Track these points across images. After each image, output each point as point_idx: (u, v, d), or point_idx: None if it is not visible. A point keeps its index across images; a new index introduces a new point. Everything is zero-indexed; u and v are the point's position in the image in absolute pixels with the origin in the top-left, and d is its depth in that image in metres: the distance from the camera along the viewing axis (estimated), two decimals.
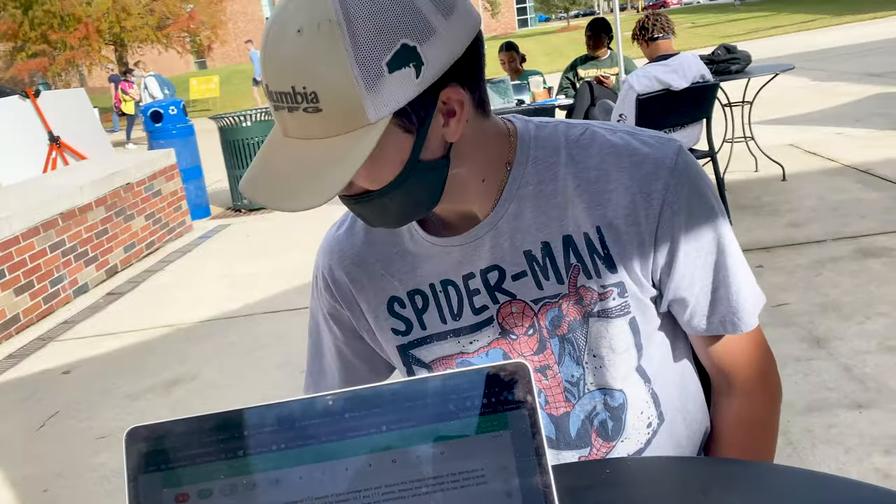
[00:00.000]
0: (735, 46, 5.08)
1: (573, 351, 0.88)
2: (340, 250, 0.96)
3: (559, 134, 0.88)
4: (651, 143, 0.86)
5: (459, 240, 0.88)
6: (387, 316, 0.93)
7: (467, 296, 0.89)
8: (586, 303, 0.86)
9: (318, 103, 0.69)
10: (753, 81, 5.19)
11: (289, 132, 0.73)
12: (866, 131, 6.36)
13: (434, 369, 0.92)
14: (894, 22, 17.34)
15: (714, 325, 0.91)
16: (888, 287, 3.19)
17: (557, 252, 0.86)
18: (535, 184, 0.86)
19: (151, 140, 6.86)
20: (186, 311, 4.24)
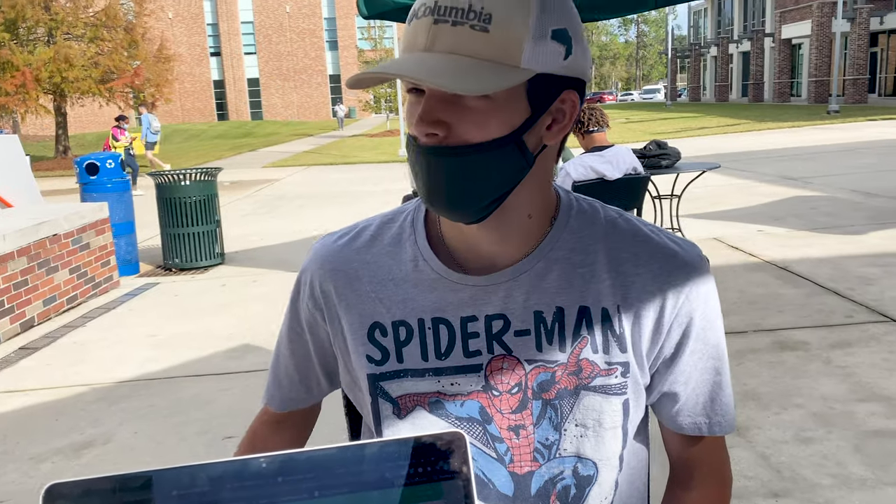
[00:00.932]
0: (666, 143, 5.37)
1: (554, 416, 0.88)
2: (335, 261, 0.95)
3: (597, 211, 0.92)
4: (680, 242, 0.91)
5: (475, 280, 0.87)
6: (365, 341, 0.91)
7: (462, 337, 0.88)
8: (583, 375, 0.87)
9: (489, 25, 0.73)
10: (682, 177, 5.46)
11: (434, 46, 0.74)
12: (785, 230, 6.73)
13: (401, 406, 0.90)
14: (809, 131, 18.63)
15: (699, 425, 0.94)
16: (803, 380, 3.33)
17: (569, 320, 0.87)
18: (568, 250, 0.88)
19: (84, 192, 6.69)
20: (104, 370, 4.07)
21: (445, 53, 0.74)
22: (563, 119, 0.82)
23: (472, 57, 0.73)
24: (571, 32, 0.78)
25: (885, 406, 3.01)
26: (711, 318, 0.91)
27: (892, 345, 3.69)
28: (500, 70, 0.73)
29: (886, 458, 2.60)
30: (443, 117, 0.76)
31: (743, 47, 43.69)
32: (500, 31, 0.73)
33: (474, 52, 0.73)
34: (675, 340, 0.90)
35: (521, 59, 0.74)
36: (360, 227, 0.98)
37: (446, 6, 0.74)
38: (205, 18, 55.87)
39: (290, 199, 11.70)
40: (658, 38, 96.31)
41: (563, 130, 0.83)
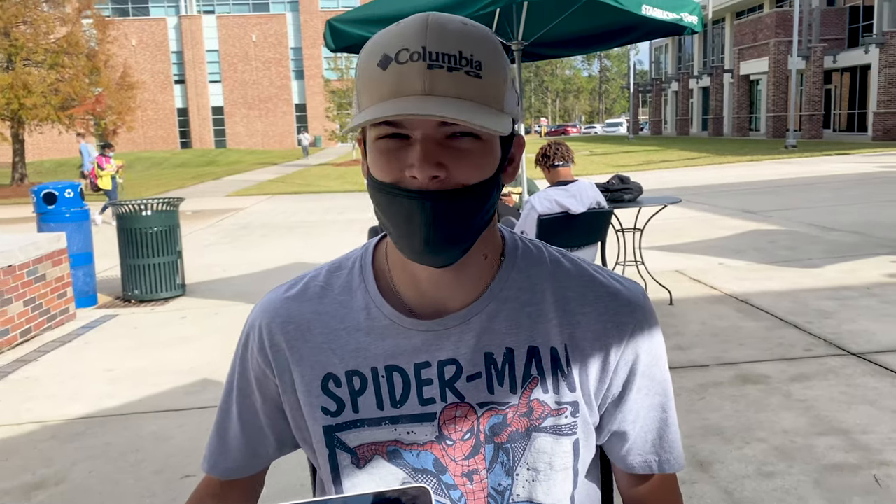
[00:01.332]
0: (628, 177, 5.44)
1: (506, 461, 0.88)
2: (286, 313, 0.93)
3: (541, 250, 0.94)
4: (623, 282, 0.93)
5: (427, 325, 0.87)
6: (319, 393, 0.90)
7: (416, 384, 0.87)
8: (534, 416, 0.87)
9: (481, 71, 0.77)
10: (644, 210, 5.54)
11: (435, 91, 0.75)
12: (745, 263, 6.85)
13: (360, 455, 0.89)
14: (768, 165, 19.12)
15: (649, 463, 0.94)
16: (764, 413, 3.36)
17: (519, 361, 0.87)
18: (517, 290, 0.89)
19: (41, 222, 6.54)
20: (58, 406, 3.94)
21: (449, 97, 0.75)
22: (514, 160, 0.87)
23: (471, 101, 0.76)
24: (515, 82, 0.85)
25: (843, 440, 3.05)
26: (657, 355, 0.93)
27: (849, 378, 3.75)
28: (495, 113, 0.78)
29: (845, 492, 2.63)
30: (442, 160, 0.77)
31: (703, 83, 44.86)
32: (490, 78, 0.77)
33: (472, 97, 0.76)
34: (623, 379, 0.91)
35: (503, 104, 0.79)
36: (307, 277, 0.97)
37: (438, 52, 0.75)
38: (169, 46, 55.63)
39: (254, 228, 11.60)
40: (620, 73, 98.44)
41: (515, 170, 0.87)
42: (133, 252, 6.46)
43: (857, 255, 6.89)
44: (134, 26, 54.47)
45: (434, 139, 0.77)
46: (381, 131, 0.79)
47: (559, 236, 4.24)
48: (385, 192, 0.80)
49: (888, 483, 2.68)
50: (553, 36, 5.98)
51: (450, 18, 0.79)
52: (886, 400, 3.45)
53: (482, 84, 0.77)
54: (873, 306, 5.09)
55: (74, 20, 23.14)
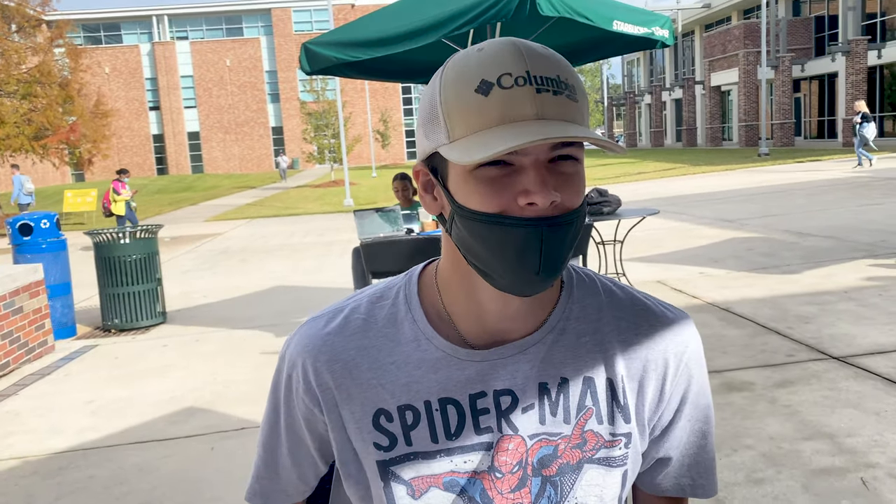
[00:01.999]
0: (606, 190, 5.49)
1: (553, 495, 0.85)
2: (331, 351, 0.89)
3: (594, 280, 0.93)
4: (673, 310, 0.92)
5: (483, 355, 0.85)
6: (371, 429, 0.87)
7: (472, 415, 0.85)
8: (587, 448, 0.86)
9: (576, 95, 0.77)
10: (624, 222, 5.59)
11: (545, 114, 0.74)
12: (725, 272, 6.92)
13: (414, 487, 0.86)
14: (743, 174, 19.37)
15: (682, 487, 0.93)
16: (750, 420, 3.39)
17: (574, 391, 0.86)
18: (575, 320, 0.88)
19: (17, 254, 6.45)
20: (39, 441, 3.87)
21: (560, 121, 0.74)
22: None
23: (575, 123, 0.76)
24: None
25: (829, 443, 3.07)
26: (703, 382, 0.93)
27: (832, 382, 3.79)
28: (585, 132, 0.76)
29: (833, 496, 2.65)
30: (554, 185, 0.76)
31: (675, 94, 45.46)
32: (582, 101, 0.78)
33: (575, 120, 0.76)
34: (674, 407, 0.91)
35: (588, 128, 0.77)
36: (347, 309, 0.92)
37: (542, 76, 0.75)
38: (143, 73, 55.40)
39: (233, 253, 11.53)
40: (594, 87, 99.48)
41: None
42: (112, 281, 6.39)
43: (833, 260, 6.98)
44: (107, 54, 54.23)
45: (544, 164, 0.76)
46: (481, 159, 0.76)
47: None
48: (492, 222, 0.76)
49: (875, 485, 2.70)
50: None
51: (533, 44, 0.79)
52: (869, 402, 3.48)
53: (579, 107, 0.77)
54: (852, 310, 5.15)
55: (46, 49, 23.01)
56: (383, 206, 5.45)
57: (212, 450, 3.57)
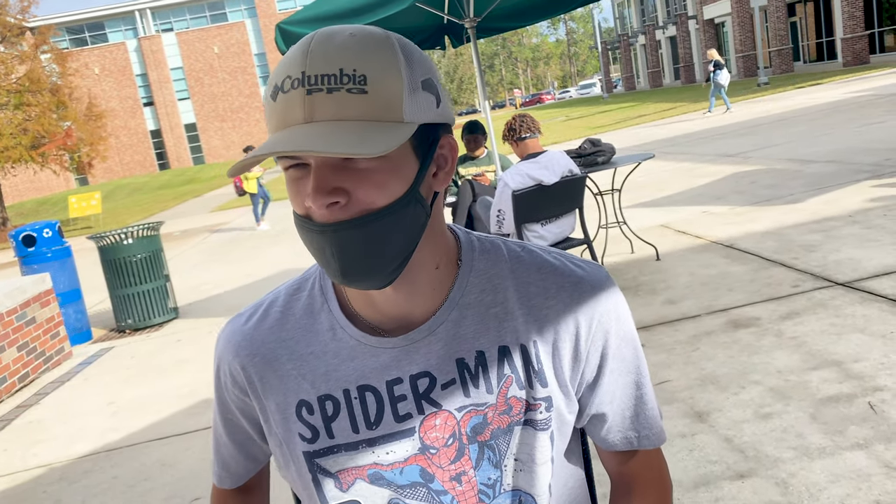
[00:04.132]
0: (599, 140, 5.44)
1: (493, 456, 0.88)
2: (250, 346, 0.92)
3: (499, 248, 0.92)
4: (584, 266, 0.92)
5: (393, 342, 0.86)
6: (294, 420, 0.89)
7: (390, 402, 0.86)
8: (514, 413, 0.87)
9: (366, 86, 0.72)
10: (621, 170, 5.54)
11: (315, 116, 0.72)
12: (728, 208, 6.87)
13: (341, 480, 0.88)
14: (743, 105, 19.10)
15: (630, 440, 0.95)
16: (758, 356, 3.39)
17: (491, 362, 0.87)
18: (478, 293, 0.88)
19: (24, 265, 6.52)
20: (63, 447, 3.95)
21: (329, 121, 0.72)
22: (447, 165, 0.82)
23: (357, 120, 0.72)
24: (434, 81, 0.79)
25: (836, 371, 3.08)
26: (625, 334, 0.93)
27: (838, 309, 3.78)
28: (388, 128, 0.72)
29: (842, 422, 2.66)
30: (340, 185, 0.74)
31: (669, 32, 44.68)
32: (378, 90, 0.73)
33: (358, 115, 0.72)
34: (595, 364, 0.91)
35: (402, 114, 0.74)
36: (266, 303, 0.95)
37: (316, 75, 0.72)
38: (133, 70, 55.09)
39: (241, 241, 11.57)
40: (587, 33, 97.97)
41: (448, 175, 0.82)
42: (120, 282, 6.45)
43: (837, 185, 6.91)
44: (94, 55, 53.92)
45: (329, 164, 0.74)
46: (284, 162, 0.77)
47: (535, 209, 4.24)
48: (298, 224, 0.78)
49: (883, 408, 2.71)
50: (507, 7, 5.95)
51: (337, 32, 0.75)
52: (875, 325, 3.48)
53: (368, 99, 0.72)
54: (857, 233, 5.11)
55: (33, 57, 22.90)
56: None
57: None
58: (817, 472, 2.39)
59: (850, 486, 2.28)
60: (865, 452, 2.44)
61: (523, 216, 4.21)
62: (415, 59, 0.77)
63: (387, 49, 0.75)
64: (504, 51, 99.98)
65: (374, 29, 0.77)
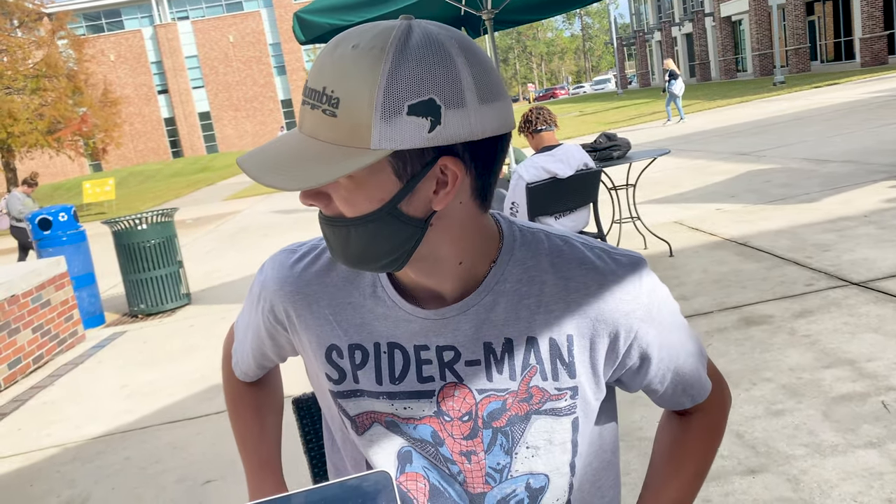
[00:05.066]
0: (615, 134, 5.43)
1: (505, 443, 0.90)
2: (295, 284, 0.96)
3: (541, 241, 0.92)
4: (624, 261, 0.91)
5: (426, 313, 0.89)
6: (323, 361, 0.94)
7: (416, 363, 0.90)
8: (534, 402, 0.89)
9: (337, 109, 0.73)
10: (635, 165, 5.53)
11: (303, 127, 0.77)
12: (741, 206, 6.84)
13: (359, 423, 0.93)
14: (758, 105, 18.99)
15: (684, 403, 1.03)
16: (770, 353, 3.38)
17: (518, 350, 0.88)
18: (515, 282, 0.89)
19: (40, 248, 6.57)
20: (77, 427, 4.00)
21: (307, 136, 0.76)
22: (448, 185, 0.79)
23: (326, 142, 0.74)
24: (442, 100, 0.73)
25: (849, 370, 3.07)
26: (664, 328, 0.94)
27: (852, 308, 3.77)
28: (349, 154, 0.73)
29: (854, 421, 2.65)
30: (323, 190, 0.80)
31: (685, 29, 44.40)
32: (347, 116, 0.73)
33: (327, 138, 0.75)
34: (637, 355, 0.93)
35: (370, 141, 0.73)
36: (319, 248, 0.98)
37: (311, 88, 0.76)
38: (148, 57, 55.30)
39: (254, 229, 11.62)
40: (602, 29, 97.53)
41: (450, 195, 0.79)
42: (133, 267, 6.49)
43: (853, 185, 6.86)
44: (110, 41, 54.15)
45: None
46: None
47: (549, 202, 4.24)
48: None
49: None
50: (524, 0, 5.93)
51: (345, 41, 0.76)
52: (890, 325, 3.46)
53: (336, 123, 0.73)
54: (872, 233, 5.08)
55: (50, 42, 23.03)
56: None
57: None
58: (829, 469, 2.39)
59: (862, 483, 2.28)
60: (878, 451, 2.44)
61: (537, 209, 4.21)
62: (410, 81, 0.72)
63: (374, 69, 0.72)
64: (519, 45, 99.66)
65: (385, 40, 0.74)
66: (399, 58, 0.72)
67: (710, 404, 1.04)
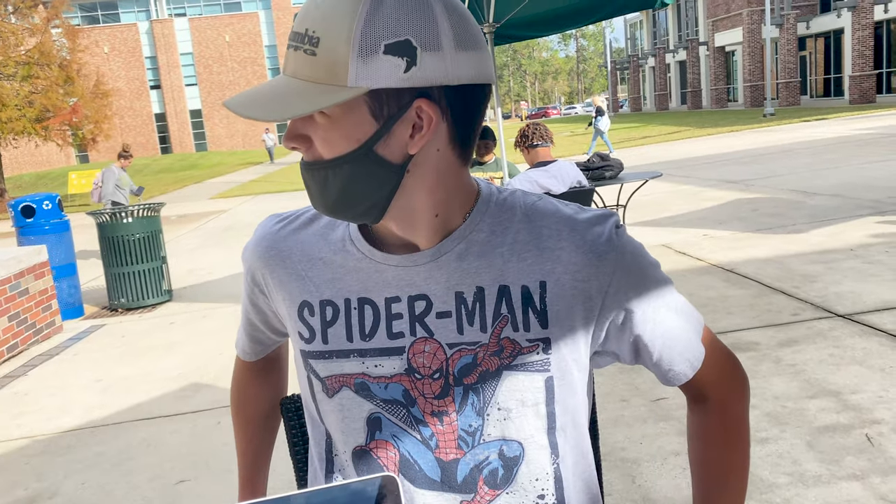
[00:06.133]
0: (608, 154, 5.45)
1: (476, 402, 0.88)
2: (271, 240, 0.98)
3: (518, 197, 0.93)
4: (597, 212, 0.92)
5: (398, 260, 0.89)
6: (296, 319, 0.94)
7: (386, 318, 0.89)
8: (505, 355, 0.87)
9: (316, 48, 0.76)
10: (626, 187, 5.55)
11: (286, 69, 0.80)
12: (729, 233, 6.88)
13: (328, 385, 0.91)
14: (747, 135, 19.19)
15: (685, 371, 0.95)
16: (755, 380, 3.38)
17: (490, 300, 0.87)
18: (488, 232, 0.89)
19: (21, 236, 6.47)
20: (48, 419, 3.91)
21: (289, 77, 0.79)
22: (424, 128, 0.79)
23: (305, 80, 0.77)
24: (419, 42, 0.75)
25: (834, 401, 3.07)
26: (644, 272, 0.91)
27: (837, 339, 3.77)
28: (326, 90, 0.76)
29: (838, 452, 2.65)
30: (304, 132, 0.81)
31: (679, 56, 44.88)
32: (325, 53, 0.75)
33: (306, 76, 0.77)
34: (616, 304, 0.90)
35: (347, 79, 0.75)
36: (302, 210, 1.01)
37: (296, 31, 0.78)
38: (143, 52, 55.04)
39: (239, 229, 11.53)
40: (597, 52, 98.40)
41: (425, 138, 0.80)
42: (116, 260, 6.40)
43: (839, 218, 6.93)
44: (105, 33, 53.88)
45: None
46: None
47: None
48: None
49: (880, 441, 2.69)
50: (525, 17, 5.95)
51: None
52: (874, 359, 3.47)
53: (315, 62, 0.76)
54: (858, 267, 5.12)
55: (44, 30, 22.82)
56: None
57: (218, 424, 3.59)
58: (812, 499, 2.37)
59: None
60: (861, 484, 2.43)
61: None
62: (388, 20, 0.74)
63: (353, 8, 0.74)
64: (514, 63, 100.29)
65: None
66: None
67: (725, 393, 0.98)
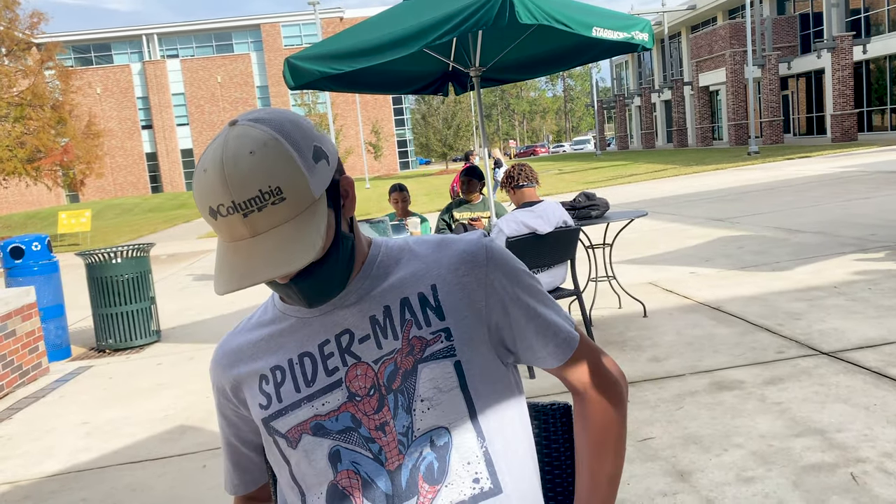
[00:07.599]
0: (594, 194, 5.52)
1: (404, 401, 1.02)
2: (227, 345, 1.14)
3: (406, 240, 1.15)
4: (467, 235, 1.13)
5: (321, 309, 1.07)
6: (256, 393, 1.09)
7: (322, 360, 1.05)
8: (416, 351, 1.03)
9: (283, 194, 0.91)
10: (612, 225, 5.61)
11: (258, 230, 0.92)
12: (715, 271, 6.94)
13: (290, 438, 1.05)
14: (733, 173, 19.43)
15: (555, 353, 1.12)
16: (741, 419, 3.40)
17: (395, 312, 1.05)
18: (384, 268, 1.09)
19: (9, 277, 6.45)
20: (32, 464, 3.87)
21: (269, 230, 0.92)
22: (349, 195, 1.04)
23: (287, 221, 0.92)
24: (317, 142, 0.97)
25: (819, 439, 3.09)
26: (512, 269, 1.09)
27: (822, 377, 3.81)
28: (310, 212, 0.93)
29: (823, 492, 2.66)
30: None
31: (664, 96, 45.60)
32: (292, 191, 0.91)
33: (286, 217, 0.92)
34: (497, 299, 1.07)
35: (310, 189, 0.93)
36: (245, 318, 1.18)
37: (244, 201, 0.90)
38: (135, 92, 55.47)
39: None
40: (584, 91, 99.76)
41: (354, 200, 1.04)
42: (105, 301, 6.39)
43: (823, 256, 7.01)
44: (98, 74, 54.29)
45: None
46: None
47: (528, 257, 4.28)
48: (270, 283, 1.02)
49: (865, 480, 2.71)
50: (510, 60, 6.08)
51: (238, 154, 0.90)
52: (859, 397, 3.50)
53: (288, 203, 0.91)
54: (841, 304, 5.17)
55: (37, 72, 23.01)
56: (371, 218, 5.49)
57: (204, 467, 3.57)
58: None
59: None
60: None
61: None
62: (300, 141, 0.94)
63: (282, 153, 0.91)
64: (502, 102, 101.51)
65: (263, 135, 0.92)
66: (284, 134, 0.93)
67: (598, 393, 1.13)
